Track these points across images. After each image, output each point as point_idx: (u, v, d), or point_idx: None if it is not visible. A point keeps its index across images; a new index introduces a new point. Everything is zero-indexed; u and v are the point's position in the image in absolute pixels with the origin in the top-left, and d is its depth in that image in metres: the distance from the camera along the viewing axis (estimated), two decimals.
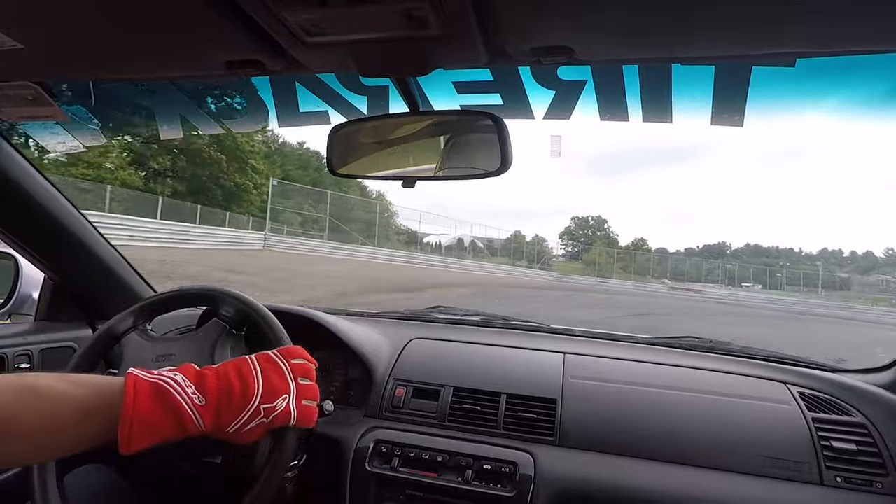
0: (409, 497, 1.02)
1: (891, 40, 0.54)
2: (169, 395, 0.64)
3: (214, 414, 0.66)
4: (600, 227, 36.96)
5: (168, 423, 0.64)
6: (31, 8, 0.58)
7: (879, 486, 0.92)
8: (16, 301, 1.32)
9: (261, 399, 0.69)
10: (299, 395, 0.73)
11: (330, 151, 0.86)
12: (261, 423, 0.69)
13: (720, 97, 0.78)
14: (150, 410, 0.63)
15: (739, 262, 39.48)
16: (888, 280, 36.86)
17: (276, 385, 0.71)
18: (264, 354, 0.75)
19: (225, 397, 0.67)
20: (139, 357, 0.92)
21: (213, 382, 0.68)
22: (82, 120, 1.07)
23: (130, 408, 0.62)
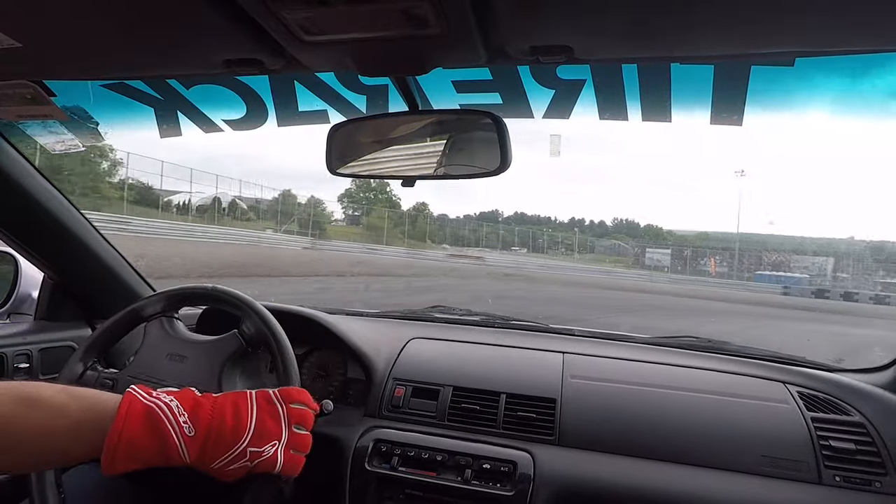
0: (408, 496, 1.02)
1: (890, 40, 0.54)
2: (160, 423, 0.64)
3: (201, 448, 0.65)
4: (382, 189, 34.48)
5: (153, 450, 0.64)
6: (30, 6, 0.58)
7: (878, 486, 0.92)
8: (15, 300, 1.32)
9: (250, 441, 0.67)
10: (289, 443, 0.71)
11: (329, 151, 0.85)
12: (244, 465, 0.67)
13: (719, 96, 0.78)
14: (137, 436, 0.62)
15: (507, 228, 40.61)
16: (619, 244, 41.89)
17: (268, 429, 0.69)
18: (265, 393, 0.73)
19: (215, 432, 0.66)
20: (155, 347, 0.92)
21: (206, 414, 0.67)
22: (81, 119, 1.07)
23: (118, 431, 0.61)
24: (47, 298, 1.31)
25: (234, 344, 0.92)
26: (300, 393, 0.76)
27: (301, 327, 1.15)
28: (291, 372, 0.88)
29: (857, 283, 31.51)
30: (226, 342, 0.92)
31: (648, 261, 37.43)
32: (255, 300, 0.96)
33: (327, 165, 0.86)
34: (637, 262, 37.58)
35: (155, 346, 0.93)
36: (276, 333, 0.90)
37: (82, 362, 0.93)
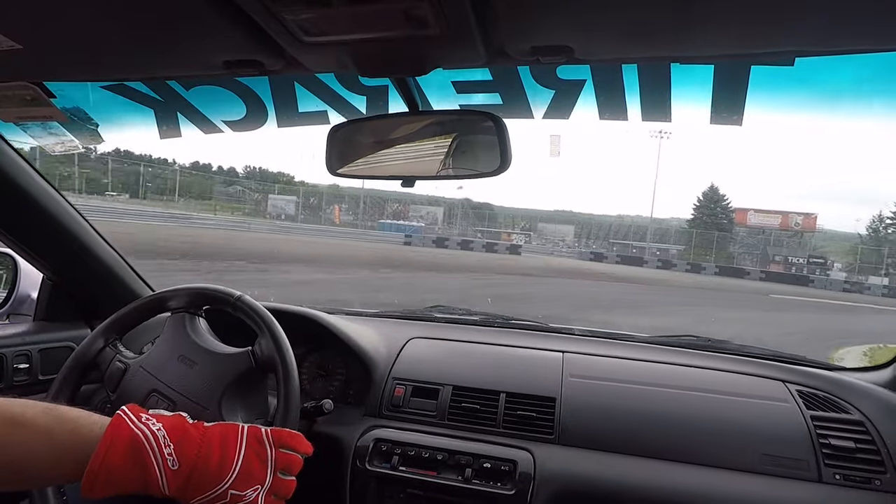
0: (409, 496, 1.03)
1: (890, 39, 0.54)
2: (144, 453, 0.63)
3: (183, 483, 0.64)
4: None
5: (134, 480, 0.63)
6: (30, 8, 0.58)
7: (878, 483, 0.93)
8: (14, 301, 1.32)
9: (233, 483, 0.66)
10: (272, 488, 0.69)
11: (329, 152, 0.86)
12: (233, 497, 0.66)
13: (719, 96, 0.78)
14: (119, 465, 0.62)
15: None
16: (244, 190, 40.47)
17: (253, 472, 0.68)
18: (256, 432, 0.71)
19: (199, 470, 0.65)
20: (171, 344, 0.92)
21: (193, 448, 0.66)
22: (81, 120, 1.07)
23: (101, 458, 0.60)
24: (46, 299, 1.31)
25: (244, 363, 0.90)
26: (292, 437, 0.74)
27: (301, 327, 1.16)
28: (291, 406, 0.86)
29: (463, 231, 36.65)
30: (237, 359, 0.90)
31: (271, 208, 35.69)
32: (273, 319, 0.93)
33: (327, 166, 0.86)
34: (258, 210, 35.61)
35: (171, 342, 0.92)
36: (287, 363, 0.89)
37: (104, 338, 0.94)
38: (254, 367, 0.89)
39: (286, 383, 0.87)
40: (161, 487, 0.63)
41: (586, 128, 77.11)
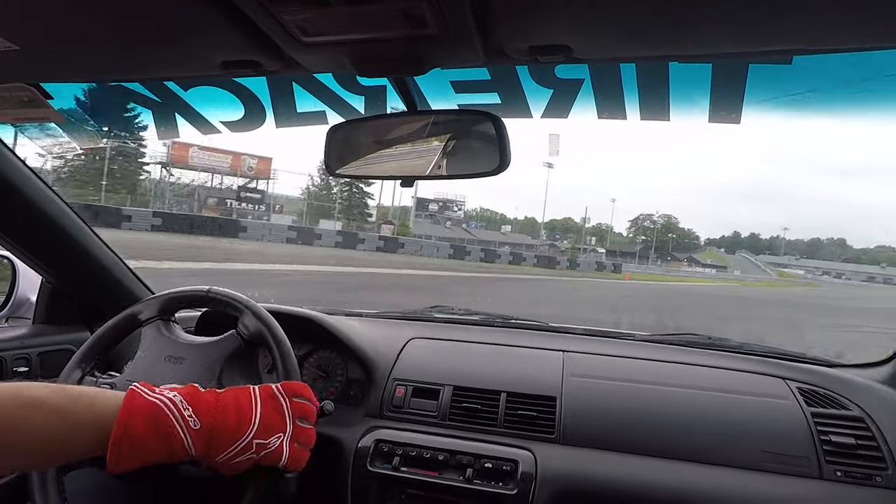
0: (410, 496, 1.03)
1: (889, 37, 0.54)
2: (164, 418, 0.64)
3: (206, 440, 0.66)
4: None
5: (158, 446, 0.64)
6: (27, 9, 0.58)
7: (879, 480, 0.93)
8: (13, 304, 1.32)
9: (255, 433, 0.68)
10: (294, 436, 0.72)
11: (328, 152, 0.85)
12: (250, 457, 0.68)
13: (717, 95, 0.78)
14: (141, 433, 0.62)
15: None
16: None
17: (273, 422, 0.70)
18: (267, 388, 0.73)
19: (220, 425, 0.66)
20: (152, 351, 0.92)
21: (210, 408, 0.67)
22: (78, 121, 1.07)
23: (122, 428, 0.61)
24: (45, 302, 1.30)
25: (232, 343, 0.91)
26: (303, 388, 0.77)
27: (301, 328, 1.15)
28: (291, 368, 0.88)
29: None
30: (224, 342, 0.92)
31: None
32: (249, 298, 0.96)
33: (326, 166, 0.86)
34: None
35: (152, 349, 0.92)
36: (274, 330, 0.90)
37: (80, 368, 0.93)
38: (242, 345, 0.91)
39: (279, 348, 0.88)
40: (188, 448, 0.64)
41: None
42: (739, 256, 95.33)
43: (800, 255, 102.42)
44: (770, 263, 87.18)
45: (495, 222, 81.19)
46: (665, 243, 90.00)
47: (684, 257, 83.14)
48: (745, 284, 40.97)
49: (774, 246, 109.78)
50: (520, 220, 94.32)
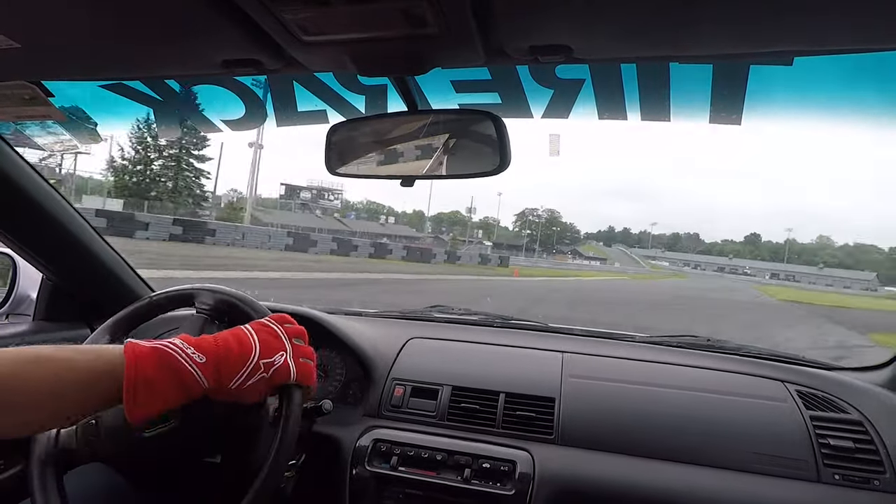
0: (408, 496, 1.03)
1: (890, 38, 0.54)
2: (170, 357, 0.66)
3: (214, 370, 0.68)
4: None
5: (171, 384, 0.66)
6: (28, 7, 0.58)
7: (877, 483, 0.93)
8: (13, 301, 1.32)
9: (259, 355, 0.72)
10: (295, 353, 0.76)
11: (328, 151, 0.86)
12: (261, 377, 0.71)
13: (718, 96, 0.78)
14: (153, 372, 0.64)
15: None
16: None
17: (272, 344, 0.74)
18: (257, 321, 0.78)
19: (223, 354, 0.70)
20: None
21: (210, 344, 0.71)
22: (79, 120, 1.07)
23: (133, 369, 0.63)
24: (46, 299, 1.31)
25: (199, 321, 0.93)
26: (287, 316, 0.82)
27: None
28: (263, 310, 0.89)
29: None
30: (191, 322, 0.93)
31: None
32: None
33: (326, 166, 0.86)
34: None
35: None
36: (229, 291, 0.93)
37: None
38: (210, 319, 0.94)
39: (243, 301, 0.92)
40: (199, 381, 0.67)
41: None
42: (616, 249, 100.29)
43: (663, 247, 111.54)
44: (642, 256, 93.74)
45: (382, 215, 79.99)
46: (549, 237, 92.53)
47: (569, 250, 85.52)
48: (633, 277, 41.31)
49: (643, 240, 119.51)
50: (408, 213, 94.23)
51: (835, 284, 69.12)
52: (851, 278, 75.97)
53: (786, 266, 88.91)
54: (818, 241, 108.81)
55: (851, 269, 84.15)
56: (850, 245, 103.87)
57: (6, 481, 1.06)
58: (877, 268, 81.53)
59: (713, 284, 39.25)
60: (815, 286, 62.03)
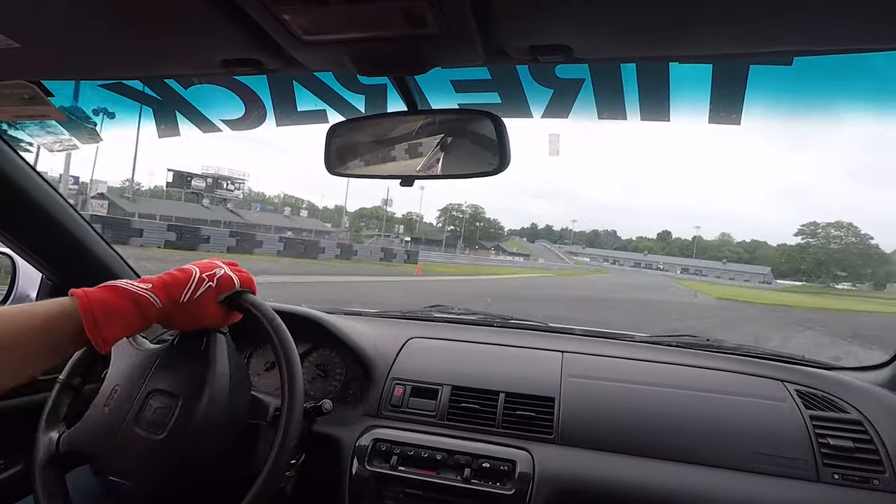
0: (408, 496, 1.03)
1: (889, 39, 0.54)
2: (117, 286, 0.73)
3: (162, 289, 0.75)
4: None
5: (126, 304, 0.71)
6: (28, 7, 0.58)
7: (876, 483, 0.93)
8: (13, 301, 1.32)
9: (200, 272, 0.79)
10: (231, 268, 0.83)
11: (328, 151, 0.85)
12: (208, 287, 0.79)
13: (718, 95, 0.78)
14: (105, 296, 0.70)
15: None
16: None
17: (208, 265, 0.82)
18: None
19: (167, 279, 0.77)
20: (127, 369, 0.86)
21: (151, 278, 0.78)
22: (79, 119, 1.07)
23: (86, 299, 0.68)
24: (45, 299, 1.30)
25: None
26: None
27: (301, 327, 1.15)
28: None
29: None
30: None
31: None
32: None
33: (326, 165, 0.86)
34: None
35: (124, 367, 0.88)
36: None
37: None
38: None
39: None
40: (152, 301, 0.74)
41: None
42: (540, 245, 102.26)
43: (584, 244, 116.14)
44: (565, 251, 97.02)
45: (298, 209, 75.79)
46: (473, 232, 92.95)
47: (492, 246, 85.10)
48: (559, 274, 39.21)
49: (564, 236, 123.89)
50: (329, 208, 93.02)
51: (736, 278, 74.19)
52: (750, 272, 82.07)
53: (695, 261, 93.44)
54: (720, 237, 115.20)
55: (749, 264, 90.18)
56: (746, 241, 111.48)
57: (6, 481, 1.06)
58: (769, 262, 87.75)
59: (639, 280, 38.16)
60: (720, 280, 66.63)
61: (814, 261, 76.17)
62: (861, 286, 71.80)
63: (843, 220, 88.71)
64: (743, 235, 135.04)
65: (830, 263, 75.28)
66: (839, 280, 74.59)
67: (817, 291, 51.68)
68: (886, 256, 78.86)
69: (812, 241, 78.59)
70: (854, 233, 78.28)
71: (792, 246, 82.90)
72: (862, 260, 75.62)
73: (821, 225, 79.87)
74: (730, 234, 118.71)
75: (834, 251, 76.00)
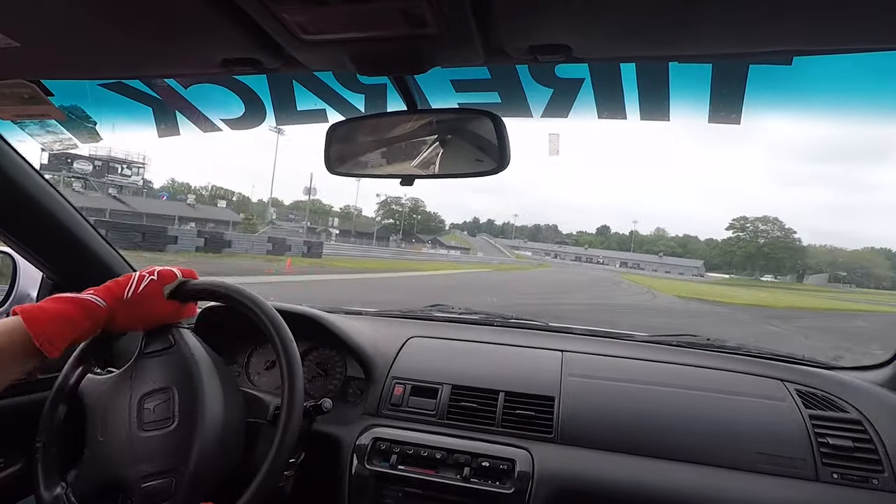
0: (407, 494, 1.03)
1: (889, 38, 0.54)
2: (60, 296, 0.75)
3: (105, 291, 0.78)
4: None
5: (69, 308, 0.73)
6: (27, 6, 0.58)
7: (876, 483, 0.93)
8: (13, 300, 1.32)
9: (139, 273, 0.82)
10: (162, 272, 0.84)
11: (327, 150, 0.85)
12: (150, 280, 0.81)
13: (717, 95, 0.78)
14: (48, 304, 0.72)
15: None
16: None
17: (145, 270, 0.83)
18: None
19: (110, 283, 0.80)
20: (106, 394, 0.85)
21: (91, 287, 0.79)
22: (79, 118, 1.07)
23: (27, 312, 0.70)
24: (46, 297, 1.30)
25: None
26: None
27: (301, 326, 1.16)
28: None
29: None
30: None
31: None
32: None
33: (326, 165, 0.86)
34: None
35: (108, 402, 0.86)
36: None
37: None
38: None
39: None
40: (96, 302, 0.76)
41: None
42: (481, 239, 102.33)
43: (526, 238, 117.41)
44: (506, 245, 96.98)
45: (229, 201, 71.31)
46: (413, 226, 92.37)
47: (429, 239, 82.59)
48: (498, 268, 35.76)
49: (507, 230, 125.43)
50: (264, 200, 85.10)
51: (672, 271, 76.16)
52: (685, 265, 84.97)
53: (633, 255, 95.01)
54: (656, 232, 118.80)
55: (682, 258, 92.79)
56: (679, 236, 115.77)
57: (6, 480, 1.06)
58: (699, 256, 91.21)
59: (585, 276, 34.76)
60: (657, 273, 68.76)
61: (744, 254, 79.64)
62: (783, 278, 75.40)
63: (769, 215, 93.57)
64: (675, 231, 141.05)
65: (759, 257, 78.80)
66: (765, 272, 78.39)
67: (747, 284, 53.63)
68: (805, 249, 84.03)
69: (742, 235, 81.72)
70: (779, 227, 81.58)
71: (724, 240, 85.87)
72: (787, 253, 79.30)
73: (749, 219, 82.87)
74: (664, 228, 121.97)
75: (762, 245, 79.40)
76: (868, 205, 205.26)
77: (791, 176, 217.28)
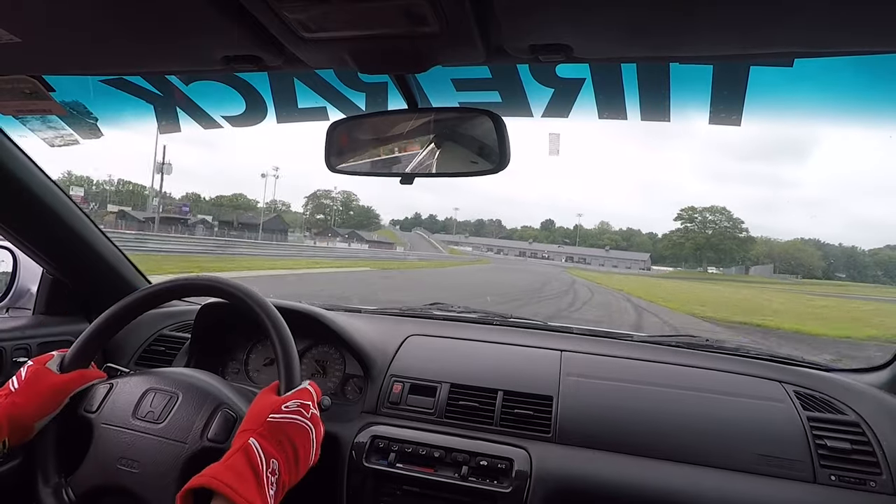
0: (405, 492, 1.03)
1: (889, 41, 0.54)
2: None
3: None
4: None
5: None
6: (29, 2, 0.58)
7: (873, 485, 0.93)
8: (14, 295, 1.32)
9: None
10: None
11: (328, 148, 0.86)
12: (30, 366, 0.85)
13: (718, 96, 0.78)
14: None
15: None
16: None
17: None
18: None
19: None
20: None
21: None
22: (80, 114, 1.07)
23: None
24: (46, 293, 1.31)
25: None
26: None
27: (300, 323, 1.16)
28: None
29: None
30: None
31: None
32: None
33: (326, 163, 0.86)
34: None
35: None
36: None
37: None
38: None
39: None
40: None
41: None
42: (415, 234, 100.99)
43: (468, 233, 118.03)
44: (444, 241, 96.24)
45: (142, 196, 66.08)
46: (346, 221, 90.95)
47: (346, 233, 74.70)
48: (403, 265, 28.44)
49: (449, 226, 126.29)
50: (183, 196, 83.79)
51: (619, 265, 77.37)
52: (632, 259, 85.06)
53: (579, 249, 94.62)
54: (600, 226, 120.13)
55: (626, 251, 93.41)
56: (623, 230, 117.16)
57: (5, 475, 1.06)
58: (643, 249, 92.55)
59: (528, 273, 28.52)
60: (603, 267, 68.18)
61: (693, 246, 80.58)
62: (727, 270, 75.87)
63: (717, 204, 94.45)
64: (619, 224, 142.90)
65: (707, 248, 79.59)
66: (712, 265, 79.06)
67: (695, 277, 54.51)
68: (753, 240, 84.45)
69: (690, 226, 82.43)
70: (727, 216, 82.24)
71: (672, 231, 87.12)
72: (735, 244, 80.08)
73: (698, 209, 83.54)
74: (608, 222, 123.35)
75: (710, 236, 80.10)
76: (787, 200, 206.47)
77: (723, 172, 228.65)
